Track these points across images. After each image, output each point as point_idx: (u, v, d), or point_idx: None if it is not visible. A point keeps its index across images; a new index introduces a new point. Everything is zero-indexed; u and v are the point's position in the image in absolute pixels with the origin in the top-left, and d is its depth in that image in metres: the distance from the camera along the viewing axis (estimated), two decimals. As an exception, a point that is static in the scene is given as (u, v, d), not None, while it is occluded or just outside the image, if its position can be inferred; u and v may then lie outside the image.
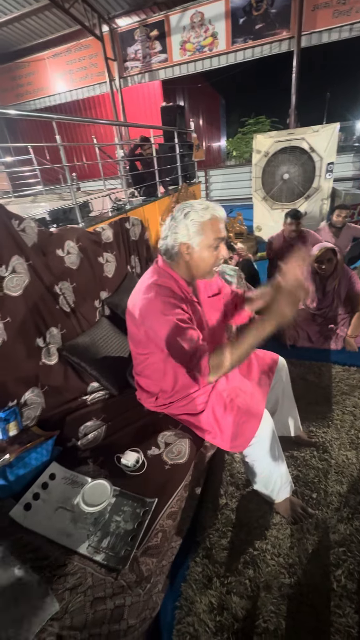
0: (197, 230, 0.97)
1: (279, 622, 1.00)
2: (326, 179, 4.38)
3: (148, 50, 7.68)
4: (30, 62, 8.75)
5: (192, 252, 1.00)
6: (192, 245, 0.99)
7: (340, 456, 1.49)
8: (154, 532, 0.83)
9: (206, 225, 0.97)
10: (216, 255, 1.01)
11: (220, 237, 1.00)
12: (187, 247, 1.00)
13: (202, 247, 0.99)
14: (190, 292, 1.09)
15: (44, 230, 1.46)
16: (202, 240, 0.98)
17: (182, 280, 1.06)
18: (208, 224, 0.97)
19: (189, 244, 0.99)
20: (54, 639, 0.57)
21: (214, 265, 1.03)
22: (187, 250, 1.01)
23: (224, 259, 1.04)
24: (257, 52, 6.96)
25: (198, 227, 0.97)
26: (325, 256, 2.13)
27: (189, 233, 0.98)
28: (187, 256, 1.02)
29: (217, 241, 1.00)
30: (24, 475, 0.95)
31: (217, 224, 0.99)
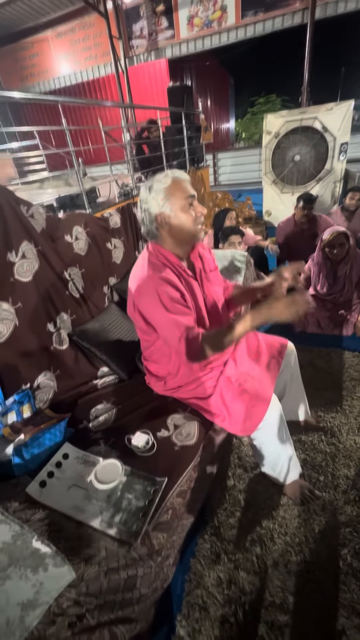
0: (164, 196, 0.99)
1: (285, 597, 1.04)
2: (339, 160, 4.22)
3: (154, 27, 7.39)
4: (34, 42, 8.52)
5: (169, 219, 1.01)
6: (166, 212, 1.00)
7: (348, 440, 1.50)
8: (165, 509, 0.86)
9: (170, 188, 0.99)
10: (193, 214, 1.02)
11: (189, 194, 1.01)
12: (162, 216, 1.01)
13: (175, 211, 1.00)
14: (184, 267, 1.09)
15: (52, 216, 1.46)
16: (173, 204, 1.00)
17: (174, 256, 1.07)
18: (172, 187, 0.99)
19: (162, 212, 1.01)
20: (71, 604, 0.61)
21: (196, 224, 1.03)
22: (164, 220, 1.02)
23: (202, 214, 1.04)
24: (269, 26, 6.63)
25: (164, 194, 0.99)
26: (336, 240, 2.08)
27: (158, 203, 1.00)
28: (166, 226, 1.03)
29: (188, 200, 1.01)
30: (38, 455, 0.99)
31: (180, 185, 1.01)
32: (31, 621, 0.56)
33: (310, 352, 2.12)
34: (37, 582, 0.61)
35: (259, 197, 4.97)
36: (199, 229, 1.05)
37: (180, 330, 0.95)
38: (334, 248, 2.10)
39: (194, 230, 1.04)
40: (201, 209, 1.04)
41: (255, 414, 1.09)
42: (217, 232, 2.93)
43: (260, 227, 3.99)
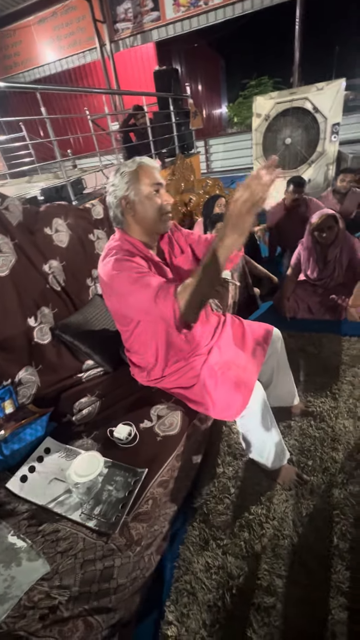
0: (129, 179, 0.97)
1: (272, 579, 1.05)
2: (331, 142, 4.13)
3: (139, 9, 7.13)
4: (15, 30, 8.25)
5: (133, 204, 0.99)
6: (130, 196, 0.98)
7: (337, 424, 1.50)
8: (145, 500, 0.86)
9: (136, 173, 0.98)
10: (158, 201, 1.00)
11: (155, 182, 0.99)
12: (127, 200, 0.99)
13: (140, 196, 0.98)
14: (151, 254, 1.07)
15: (29, 208, 1.42)
16: (138, 189, 0.98)
17: (139, 242, 1.04)
18: (138, 172, 0.98)
19: (126, 195, 0.98)
20: (43, 596, 0.61)
21: (161, 213, 1.01)
22: (128, 205, 1.00)
23: (168, 203, 1.01)
24: (257, 2, 6.39)
25: (129, 177, 0.97)
26: (325, 223, 2.04)
27: (123, 186, 0.98)
28: (131, 211, 1.01)
29: (154, 187, 0.98)
30: (19, 450, 0.98)
31: (147, 170, 0.99)
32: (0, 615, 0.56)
33: (302, 337, 2.11)
34: (8, 576, 0.61)
35: (251, 183, 4.88)
36: (164, 218, 1.02)
37: (152, 291, 0.87)
38: (323, 231, 2.06)
39: (158, 218, 1.01)
40: (167, 197, 1.01)
41: (239, 401, 1.08)
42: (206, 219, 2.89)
43: (251, 214, 3.92)
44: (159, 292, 0.87)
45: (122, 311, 1.04)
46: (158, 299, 0.87)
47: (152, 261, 1.05)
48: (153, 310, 0.89)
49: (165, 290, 0.87)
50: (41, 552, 0.68)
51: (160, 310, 0.87)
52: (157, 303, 0.87)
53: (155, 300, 0.87)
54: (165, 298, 0.86)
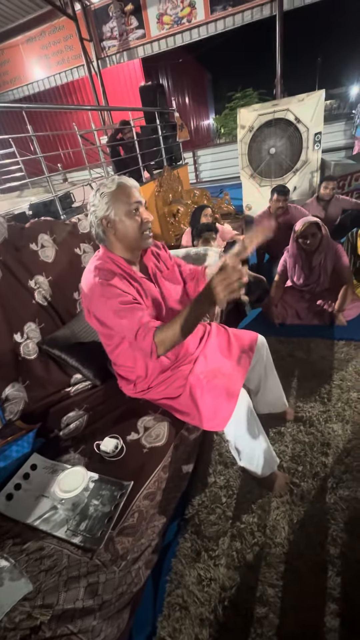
0: (108, 200, 1.00)
1: (264, 589, 1.04)
2: (314, 150, 4.25)
3: (124, 27, 7.35)
4: (4, 49, 8.42)
5: (114, 223, 1.02)
6: (110, 216, 1.01)
7: (326, 429, 1.51)
8: (130, 513, 0.86)
9: (116, 193, 1.00)
10: (138, 219, 1.02)
11: (135, 200, 1.01)
12: (107, 220, 1.02)
13: (120, 216, 1.01)
14: (134, 271, 1.09)
15: (14, 225, 1.44)
16: (118, 208, 1.00)
17: (122, 259, 1.07)
18: (118, 192, 1.00)
19: (106, 216, 1.01)
20: (25, 617, 0.61)
21: (142, 230, 1.04)
22: (109, 224, 1.02)
23: (148, 221, 1.04)
24: (238, 19, 6.63)
25: (109, 198, 1.00)
26: (309, 231, 2.09)
27: (103, 207, 1.00)
28: (111, 230, 1.03)
29: (134, 205, 1.01)
30: (5, 467, 0.98)
31: (126, 190, 1.01)
32: (-22, 639, 0.55)
33: (290, 343, 2.13)
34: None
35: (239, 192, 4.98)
36: (144, 235, 1.05)
37: (134, 327, 0.95)
38: (307, 239, 2.11)
39: (139, 235, 1.04)
40: (147, 215, 1.04)
41: (225, 409, 1.09)
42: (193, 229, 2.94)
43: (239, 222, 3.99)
44: (139, 330, 0.95)
45: (104, 331, 1.07)
46: (139, 336, 0.95)
47: (134, 278, 1.07)
48: (132, 342, 0.97)
49: (146, 331, 0.94)
50: (24, 571, 0.68)
51: (139, 344, 0.96)
52: (137, 339, 0.95)
53: (135, 337, 0.95)
54: (145, 338, 0.94)
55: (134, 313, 0.96)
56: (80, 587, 0.68)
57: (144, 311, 0.98)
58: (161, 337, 0.94)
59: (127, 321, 0.95)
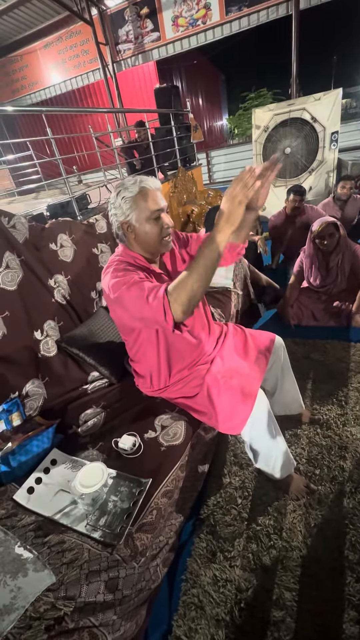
0: (130, 206, 0.98)
1: (281, 593, 1.03)
2: (331, 150, 4.18)
3: (140, 30, 7.41)
4: (22, 55, 8.62)
5: (134, 228, 1.01)
6: (131, 221, 1.00)
7: (344, 432, 1.48)
8: (149, 510, 0.86)
9: (137, 199, 0.97)
10: (159, 226, 1.01)
11: (156, 208, 0.98)
12: (128, 225, 1.01)
13: (140, 222, 0.99)
14: (153, 268, 1.09)
15: (35, 225, 1.47)
16: (138, 215, 0.98)
17: (143, 258, 1.07)
18: (139, 197, 0.97)
19: (127, 221, 1.00)
20: (49, 607, 0.62)
21: (162, 236, 1.02)
22: (129, 229, 1.01)
23: (169, 227, 1.02)
24: (254, 19, 6.59)
25: (130, 203, 0.98)
26: (326, 231, 2.06)
27: (124, 211, 0.99)
28: (132, 234, 1.03)
29: (155, 213, 0.99)
30: (26, 462, 1.00)
31: (149, 195, 0.98)
32: (6, 626, 0.57)
33: (307, 344, 2.10)
34: (15, 587, 0.62)
35: (253, 192, 4.94)
36: (164, 241, 1.04)
37: (144, 292, 0.87)
38: (324, 239, 2.08)
39: (159, 241, 1.03)
40: (168, 220, 1.02)
41: (242, 410, 1.09)
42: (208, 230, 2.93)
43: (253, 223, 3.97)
44: (150, 292, 0.87)
45: (124, 320, 1.06)
46: (149, 297, 0.86)
47: (154, 273, 1.07)
48: (146, 311, 0.87)
49: (157, 289, 0.87)
50: (47, 563, 0.69)
51: (152, 309, 0.85)
52: (148, 302, 0.86)
53: (147, 299, 0.86)
54: (156, 296, 0.85)
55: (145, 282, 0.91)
56: (101, 581, 0.69)
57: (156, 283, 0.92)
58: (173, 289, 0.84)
59: (137, 290, 0.88)
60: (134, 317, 0.94)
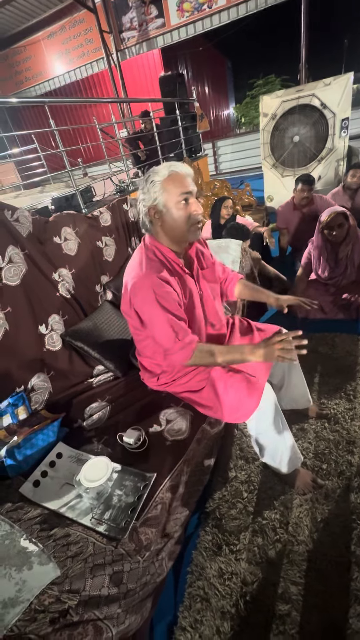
0: (158, 189, 0.96)
1: (287, 586, 1.03)
2: (341, 137, 4.04)
3: (144, 17, 7.24)
4: (26, 46, 8.52)
5: (162, 214, 0.99)
6: (159, 206, 0.97)
7: (352, 427, 1.46)
8: (154, 505, 0.86)
9: (166, 182, 0.96)
10: (187, 211, 0.98)
11: (185, 191, 0.96)
12: (155, 210, 0.99)
13: (168, 206, 0.97)
14: (181, 264, 1.07)
15: (38, 218, 1.46)
16: (167, 198, 0.96)
17: (171, 252, 1.05)
18: (168, 181, 0.95)
19: (155, 205, 0.98)
20: (53, 600, 0.62)
21: (190, 222, 1.00)
22: (157, 215, 0.99)
23: (197, 213, 1.00)
24: (261, 2, 6.37)
25: (159, 187, 0.96)
26: (335, 221, 2.00)
27: (152, 196, 0.97)
28: (159, 221, 1.00)
29: (183, 195, 0.96)
30: (31, 455, 1.01)
31: (177, 179, 0.96)
32: (11, 619, 0.57)
33: (314, 338, 2.07)
34: (20, 580, 0.63)
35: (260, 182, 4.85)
36: (192, 228, 1.01)
37: (178, 331, 0.97)
38: (333, 230, 2.02)
39: (186, 228, 1.00)
40: (197, 206, 0.99)
41: (249, 403, 1.07)
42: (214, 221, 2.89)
43: (260, 214, 3.89)
44: (183, 336, 0.99)
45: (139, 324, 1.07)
46: (176, 345, 0.99)
47: (179, 273, 1.06)
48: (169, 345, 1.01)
49: (186, 343, 1.00)
50: (52, 556, 0.70)
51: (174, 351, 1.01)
52: (174, 347, 1.00)
53: (175, 341, 0.99)
54: (183, 351, 1.00)
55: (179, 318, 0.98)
56: (106, 574, 0.69)
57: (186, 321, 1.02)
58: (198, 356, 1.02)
59: (169, 323, 0.97)
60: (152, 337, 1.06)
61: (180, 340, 0.97)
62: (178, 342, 0.97)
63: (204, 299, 1.15)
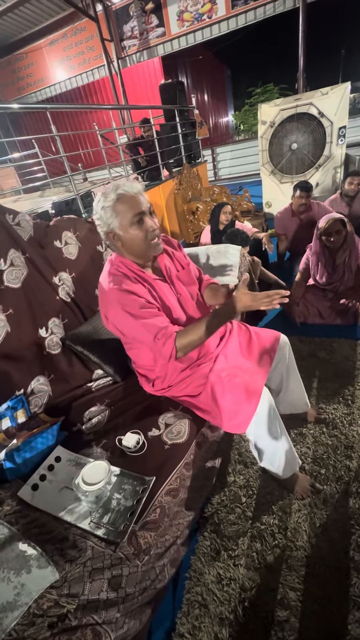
0: (110, 214, 0.97)
1: (285, 592, 1.03)
2: (338, 145, 4.11)
3: (145, 26, 7.37)
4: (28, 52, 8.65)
5: (119, 236, 1.01)
6: (115, 230, 0.99)
7: (350, 432, 1.47)
8: (153, 508, 0.86)
9: (116, 206, 0.96)
10: (144, 230, 1.00)
11: (136, 212, 0.97)
12: (113, 234, 1.01)
13: (124, 229, 0.99)
14: (147, 274, 1.09)
15: (39, 222, 1.47)
16: (120, 222, 0.98)
17: (134, 263, 1.07)
18: (118, 205, 0.96)
19: (111, 230, 1.00)
20: (52, 604, 0.62)
21: (149, 239, 1.02)
22: (115, 237, 1.01)
23: (154, 229, 1.01)
24: (260, 13, 6.51)
25: (110, 212, 0.97)
26: (333, 228, 2.03)
27: (106, 221, 0.98)
28: (119, 242, 1.02)
29: (136, 217, 0.98)
30: (30, 459, 1.01)
31: (127, 201, 0.97)
32: (9, 622, 0.57)
33: (312, 342, 2.08)
34: (18, 583, 0.62)
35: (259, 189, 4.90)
36: (152, 243, 1.03)
37: (153, 331, 0.97)
38: (331, 236, 2.05)
39: (146, 245, 1.02)
40: (152, 223, 1.01)
41: (246, 408, 1.08)
42: (213, 227, 2.91)
43: (259, 220, 3.93)
44: (159, 333, 0.97)
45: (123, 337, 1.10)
46: (158, 340, 0.97)
47: (147, 280, 1.07)
48: (152, 346, 0.99)
49: (166, 336, 0.98)
50: (50, 559, 0.69)
51: (158, 348, 0.98)
52: (156, 343, 0.98)
53: (154, 340, 0.98)
54: (165, 343, 0.98)
55: (151, 318, 0.98)
56: (104, 578, 0.69)
57: (161, 316, 1.00)
58: (182, 342, 0.99)
59: (143, 327, 0.97)
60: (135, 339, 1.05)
61: (160, 339, 0.97)
62: (158, 341, 0.97)
63: (183, 301, 1.16)
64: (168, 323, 1.01)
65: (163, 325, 0.98)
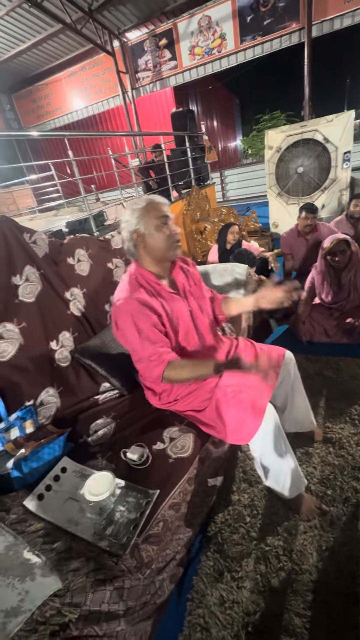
0: (139, 215, 1.08)
1: (290, 618, 0.99)
2: (343, 169, 4.23)
3: (158, 60, 7.85)
4: (48, 84, 9.24)
5: (143, 236, 1.09)
6: (140, 229, 1.08)
7: (357, 452, 1.44)
8: (155, 522, 0.87)
9: (146, 209, 1.09)
10: (167, 232, 1.09)
11: (162, 214, 1.09)
12: (137, 233, 1.09)
13: (149, 229, 1.08)
14: (163, 286, 1.15)
15: (54, 241, 1.55)
16: (147, 222, 1.08)
17: (152, 275, 1.14)
18: (148, 208, 1.09)
19: (137, 229, 1.09)
20: (54, 612, 0.62)
21: (170, 242, 1.10)
22: (139, 237, 1.10)
23: (176, 232, 1.11)
24: (267, 47, 6.88)
25: (139, 213, 1.08)
26: (337, 248, 2.07)
27: (134, 221, 1.09)
28: (142, 243, 1.11)
29: (162, 219, 1.08)
30: (37, 469, 1.02)
31: (156, 206, 1.10)
32: (12, 628, 0.57)
33: (319, 361, 2.08)
34: (22, 590, 0.63)
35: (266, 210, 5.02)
36: (173, 246, 1.12)
37: (150, 351, 1.04)
38: (336, 255, 2.09)
39: (168, 247, 1.11)
40: (175, 227, 1.11)
41: (251, 423, 1.08)
42: (221, 246, 2.99)
43: (266, 239, 4.01)
44: (153, 355, 1.04)
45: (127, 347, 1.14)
46: (151, 361, 1.04)
47: (161, 294, 1.13)
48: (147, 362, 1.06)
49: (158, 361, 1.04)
50: (54, 568, 0.70)
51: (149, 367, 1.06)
52: (148, 363, 1.05)
53: (148, 360, 1.05)
54: (156, 367, 1.04)
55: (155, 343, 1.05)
56: (107, 590, 0.69)
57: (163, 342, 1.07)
58: (170, 373, 1.04)
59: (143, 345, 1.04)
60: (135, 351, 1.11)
61: (153, 360, 1.04)
62: (151, 362, 1.04)
63: (195, 315, 1.22)
64: (168, 348, 1.07)
65: (162, 350, 1.05)
